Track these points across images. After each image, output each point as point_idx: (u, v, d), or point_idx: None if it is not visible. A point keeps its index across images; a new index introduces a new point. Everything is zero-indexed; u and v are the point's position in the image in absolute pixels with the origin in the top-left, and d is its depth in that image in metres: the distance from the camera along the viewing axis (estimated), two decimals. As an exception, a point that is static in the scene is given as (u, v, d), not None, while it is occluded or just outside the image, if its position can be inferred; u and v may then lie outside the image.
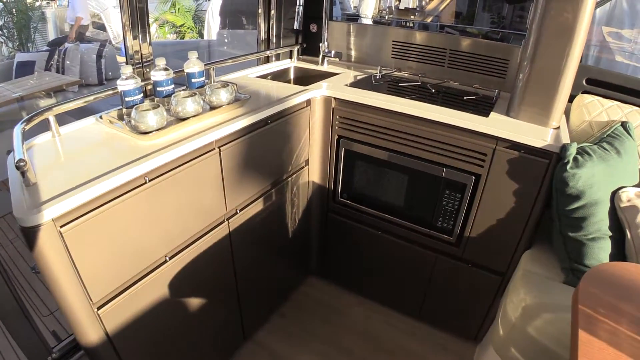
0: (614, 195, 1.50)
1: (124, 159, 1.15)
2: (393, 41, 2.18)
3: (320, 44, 2.24)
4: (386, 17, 2.45)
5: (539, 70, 1.58)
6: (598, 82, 1.87)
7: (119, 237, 1.14)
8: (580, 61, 1.62)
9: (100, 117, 1.43)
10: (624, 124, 1.68)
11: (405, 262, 1.98)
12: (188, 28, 7.23)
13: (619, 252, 1.51)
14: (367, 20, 3.32)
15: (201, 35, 6.87)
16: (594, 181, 1.46)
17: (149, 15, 1.60)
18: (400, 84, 2.00)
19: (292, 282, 2.26)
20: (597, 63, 3.27)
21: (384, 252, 2.01)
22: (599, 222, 1.48)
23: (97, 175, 1.07)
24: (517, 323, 1.48)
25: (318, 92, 1.80)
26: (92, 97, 1.46)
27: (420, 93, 1.90)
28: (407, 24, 2.35)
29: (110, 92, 1.49)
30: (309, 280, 2.33)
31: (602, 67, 1.54)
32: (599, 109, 1.76)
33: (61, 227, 0.98)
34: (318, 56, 2.28)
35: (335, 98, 1.81)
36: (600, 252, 1.49)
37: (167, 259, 1.32)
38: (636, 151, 1.65)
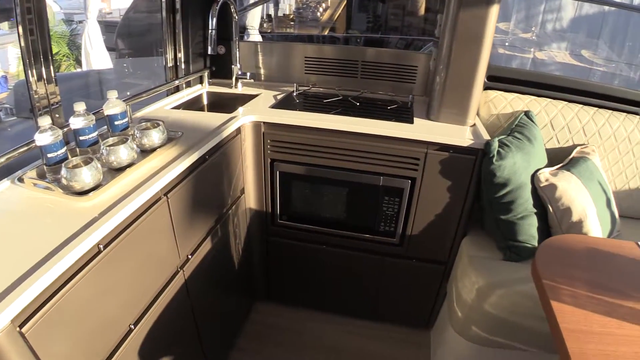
0: (534, 177, 1.74)
1: (70, 228, 1.02)
2: (305, 57, 2.27)
3: (233, 66, 2.26)
4: (264, 26, 2.53)
5: (454, 74, 1.78)
6: (498, 78, 2.13)
7: (84, 318, 1.03)
8: None
9: (20, 180, 1.26)
10: (527, 113, 1.95)
11: (353, 269, 2.09)
12: (64, 56, 6.55)
13: (545, 225, 1.76)
14: (254, 31, 3.39)
15: (79, 62, 6.19)
16: (516, 168, 1.68)
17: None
18: (324, 100, 2.09)
19: (244, 313, 2.26)
20: None
21: (330, 264, 2.10)
22: (525, 203, 1.71)
23: (46, 255, 0.93)
24: (474, 304, 1.67)
25: (247, 118, 1.83)
26: (2, 158, 1.29)
27: (344, 106, 2.02)
28: (317, 39, 2.46)
29: (25, 148, 1.35)
30: (260, 308, 2.35)
31: (490, 61, 1.78)
32: (503, 103, 2.01)
33: (20, 327, 0.85)
34: (230, 79, 2.30)
35: (264, 122, 1.85)
36: (530, 227, 1.72)
37: (132, 327, 1.24)
38: (541, 135, 1.91)
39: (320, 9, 3.01)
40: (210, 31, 1.99)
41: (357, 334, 2.22)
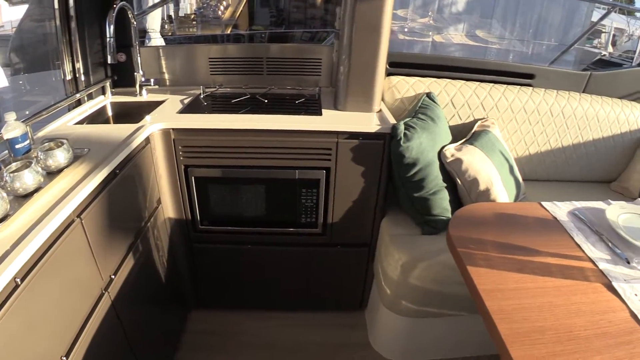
0: (440, 154, 1.87)
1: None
2: (209, 58, 2.28)
3: (136, 73, 2.22)
4: (166, 27, 2.51)
5: (356, 64, 1.86)
6: (399, 63, 2.25)
7: (12, 356, 1.00)
8: None
9: None
10: (428, 95, 2.07)
11: (281, 264, 2.14)
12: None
13: (456, 197, 1.90)
14: (155, 34, 3.33)
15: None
16: (423, 148, 1.79)
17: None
18: (232, 100, 2.11)
19: (180, 325, 2.24)
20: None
21: (258, 262, 2.14)
22: (435, 179, 1.84)
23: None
24: (400, 279, 1.79)
25: (155, 126, 1.81)
26: None
27: (253, 105, 2.05)
28: (221, 38, 2.47)
29: None
30: (195, 316, 2.33)
31: (390, 48, 1.89)
32: (406, 87, 2.13)
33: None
34: (134, 87, 2.25)
35: (173, 129, 1.84)
36: (442, 201, 1.85)
37: (64, 358, 1.20)
38: (443, 114, 2.04)
39: (222, 7, 3.01)
40: (108, 39, 1.94)
41: (294, 326, 2.27)
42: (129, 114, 2.17)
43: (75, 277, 1.28)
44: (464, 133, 2.09)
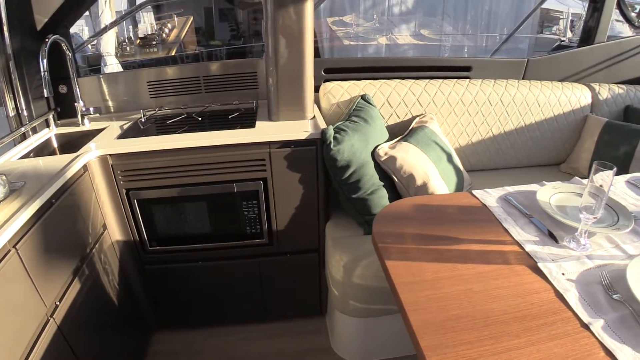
0: (374, 153, 1.92)
1: None
2: (148, 82, 2.34)
3: (76, 104, 2.28)
4: (128, 49, 2.57)
5: (284, 73, 1.93)
6: (334, 69, 2.31)
7: None
8: (319, 55, 2.02)
9: None
10: (363, 97, 2.14)
11: (234, 277, 2.19)
12: None
13: (395, 194, 1.96)
14: (110, 58, 3.38)
15: None
16: (355, 149, 1.85)
17: None
18: (168, 122, 2.17)
19: (142, 348, 2.28)
20: (331, 52, 3.86)
21: (212, 278, 2.19)
22: (371, 178, 1.89)
23: None
24: (345, 280, 1.85)
25: (91, 154, 1.87)
26: None
27: (189, 124, 2.11)
28: (158, 62, 2.53)
29: None
30: (157, 338, 2.36)
31: (336, 54, 1.96)
32: (340, 91, 2.19)
33: None
34: (77, 117, 2.31)
35: (110, 155, 1.90)
36: (381, 200, 1.91)
37: None
38: (379, 114, 2.10)
39: (166, 30, 3.07)
40: (42, 73, 2.00)
41: (257, 339, 2.31)
42: (73, 144, 2.22)
43: (15, 305, 1.32)
44: (403, 131, 2.16)
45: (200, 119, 2.16)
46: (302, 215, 2.02)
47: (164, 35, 2.91)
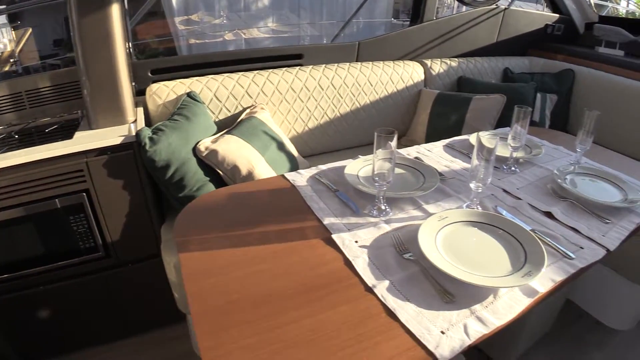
0: (195, 149, 1.93)
1: None
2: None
3: None
4: None
5: (96, 79, 1.91)
6: (162, 69, 2.31)
7: None
8: (175, 53, 1.99)
9: None
10: (189, 94, 2.15)
11: (80, 297, 2.12)
12: None
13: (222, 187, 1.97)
14: None
15: None
16: (174, 148, 1.86)
17: None
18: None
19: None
20: (180, 50, 3.86)
21: (57, 301, 2.11)
22: (195, 175, 1.92)
23: None
24: (179, 281, 1.89)
25: None
26: None
27: (8, 144, 2.03)
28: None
29: None
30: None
31: (185, 52, 1.95)
32: (166, 91, 2.19)
33: None
34: None
35: None
36: (209, 196, 1.92)
37: None
38: (205, 110, 2.12)
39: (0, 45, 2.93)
40: None
41: (120, 356, 2.27)
42: None
43: None
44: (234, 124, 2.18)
45: (17, 136, 2.08)
46: (135, 222, 2.00)
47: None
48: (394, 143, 1.28)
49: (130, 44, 2.26)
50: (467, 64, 2.94)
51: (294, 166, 2.17)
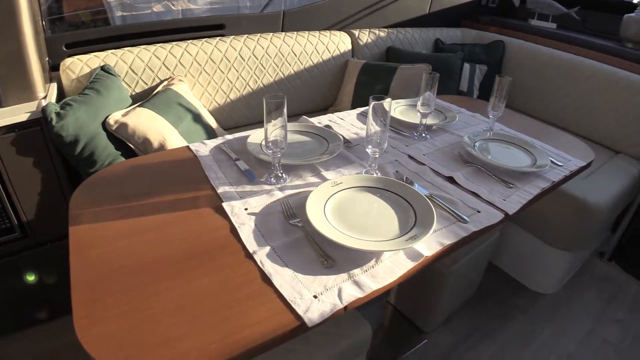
0: (105, 123, 1.93)
1: None
2: None
3: None
4: None
5: (3, 57, 1.85)
6: (77, 43, 2.27)
7: None
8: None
9: None
10: (103, 68, 2.14)
11: (10, 279, 2.11)
12: None
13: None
14: None
15: None
16: (82, 122, 1.86)
17: None
18: None
19: None
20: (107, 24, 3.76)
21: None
22: (106, 149, 1.92)
23: None
24: None
25: None
26: None
27: None
28: None
29: None
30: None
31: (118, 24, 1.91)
32: (80, 65, 2.17)
33: None
34: None
35: None
36: (123, 171, 1.92)
37: None
38: (119, 83, 2.11)
39: None
40: None
41: (46, 338, 2.22)
42: None
43: None
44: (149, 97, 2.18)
45: None
46: (50, 200, 1.99)
47: None
48: (284, 109, 1.29)
49: (42, 18, 2.21)
50: (397, 35, 2.97)
51: (212, 138, 2.18)
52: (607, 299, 2.52)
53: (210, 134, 2.19)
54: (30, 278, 2.16)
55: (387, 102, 1.32)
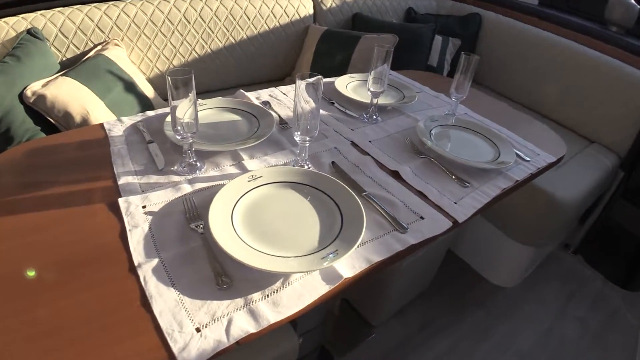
0: (22, 95, 1.75)
1: None
2: None
3: None
4: None
5: None
6: (2, 5, 2.05)
7: None
8: None
9: None
10: (29, 31, 1.94)
11: None
12: None
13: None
14: None
15: None
16: (-6, 94, 1.67)
17: None
18: None
19: None
20: None
21: None
22: (23, 124, 1.76)
23: None
24: None
25: None
26: None
27: None
28: None
29: None
30: None
31: None
32: (6, 28, 1.96)
33: None
34: None
35: None
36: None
37: None
38: (46, 48, 1.92)
39: None
40: None
41: None
42: None
43: None
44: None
45: None
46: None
47: None
48: (192, 85, 1.09)
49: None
50: (366, 1, 2.76)
51: (147, 110, 2.01)
52: (568, 294, 2.41)
53: (146, 105, 2.02)
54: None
55: (317, 79, 1.10)
